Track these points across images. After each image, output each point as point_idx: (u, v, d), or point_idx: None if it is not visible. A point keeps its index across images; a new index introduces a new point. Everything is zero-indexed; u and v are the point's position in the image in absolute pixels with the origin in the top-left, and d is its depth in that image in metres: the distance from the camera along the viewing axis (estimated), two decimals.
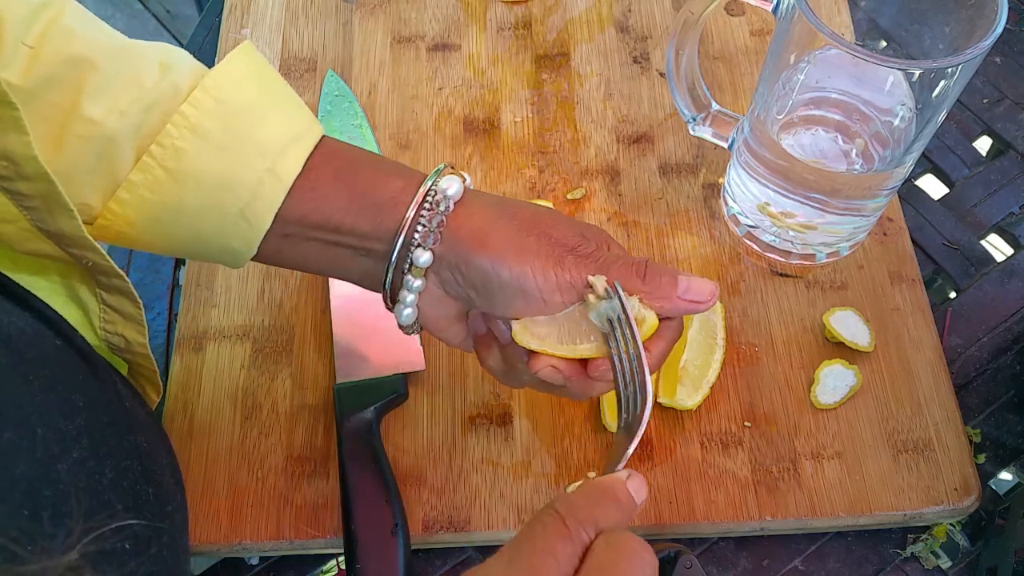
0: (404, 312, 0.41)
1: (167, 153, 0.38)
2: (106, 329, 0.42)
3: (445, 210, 0.39)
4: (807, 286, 0.56)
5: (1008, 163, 0.63)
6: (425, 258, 0.39)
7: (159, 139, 0.38)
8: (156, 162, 0.38)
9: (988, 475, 0.52)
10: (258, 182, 0.39)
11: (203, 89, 0.39)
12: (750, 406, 0.52)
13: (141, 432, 0.40)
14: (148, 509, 0.37)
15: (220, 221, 0.39)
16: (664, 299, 0.39)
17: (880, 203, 0.52)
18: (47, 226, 0.36)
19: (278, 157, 0.39)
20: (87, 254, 0.38)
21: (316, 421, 0.52)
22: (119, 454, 0.36)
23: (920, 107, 0.47)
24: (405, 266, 0.40)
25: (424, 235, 0.39)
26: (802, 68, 0.49)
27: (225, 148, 0.38)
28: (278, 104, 0.41)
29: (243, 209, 0.39)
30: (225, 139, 0.38)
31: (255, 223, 0.39)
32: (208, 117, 0.38)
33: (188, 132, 0.38)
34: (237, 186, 0.38)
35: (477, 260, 0.38)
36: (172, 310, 0.59)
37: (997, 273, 0.58)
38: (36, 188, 0.34)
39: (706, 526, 0.49)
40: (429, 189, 0.39)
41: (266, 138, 0.39)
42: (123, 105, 0.37)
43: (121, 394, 0.40)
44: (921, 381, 0.53)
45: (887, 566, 0.50)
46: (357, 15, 0.68)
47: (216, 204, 0.39)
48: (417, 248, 0.39)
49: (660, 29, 0.67)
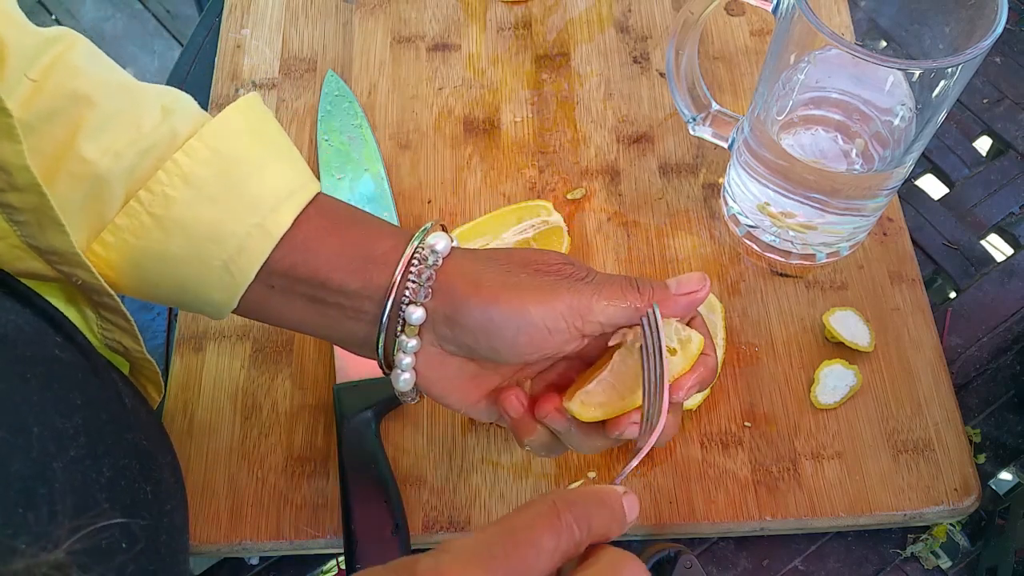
0: (402, 377, 0.40)
1: (156, 199, 0.37)
2: (105, 335, 0.43)
3: (434, 264, 0.38)
4: (807, 286, 0.56)
5: (1008, 163, 0.63)
6: (418, 315, 0.38)
7: (149, 185, 0.37)
8: (143, 207, 0.37)
9: (988, 475, 0.52)
10: (246, 236, 0.38)
11: (200, 138, 0.38)
12: (750, 406, 0.52)
13: (141, 430, 0.40)
14: (146, 508, 0.37)
15: (202, 271, 0.38)
16: (663, 302, 0.39)
17: (880, 203, 0.52)
18: (37, 242, 0.35)
19: (269, 212, 0.38)
20: (77, 272, 0.37)
21: (316, 421, 0.52)
22: (117, 453, 0.36)
23: (920, 107, 0.47)
24: (398, 327, 0.39)
25: (415, 291, 0.38)
26: (802, 68, 0.49)
27: (216, 200, 0.38)
28: (275, 158, 0.40)
29: (227, 262, 0.38)
30: (217, 190, 0.38)
31: (238, 276, 0.38)
32: (202, 167, 0.38)
33: (179, 180, 0.37)
34: (224, 238, 0.38)
35: (472, 306, 0.38)
36: (172, 310, 0.59)
37: (997, 273, 0.58)
38: (27, 200, 0.34)
39: (706, 526, 0.49)
40: (418, 246, 0.39)
41: (260, 193, 0.38)
42: (119, 146, 0.37)
43: (121, 392, 0.40)
44: (921, 381, 0.53)
45: (887, 566, 0.50)
46: (357, 15, 0.68)
47: (200, 255, 0.38)
48: (409, 305, 0.38)
49: (660, 29, 0.67)
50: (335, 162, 0.60)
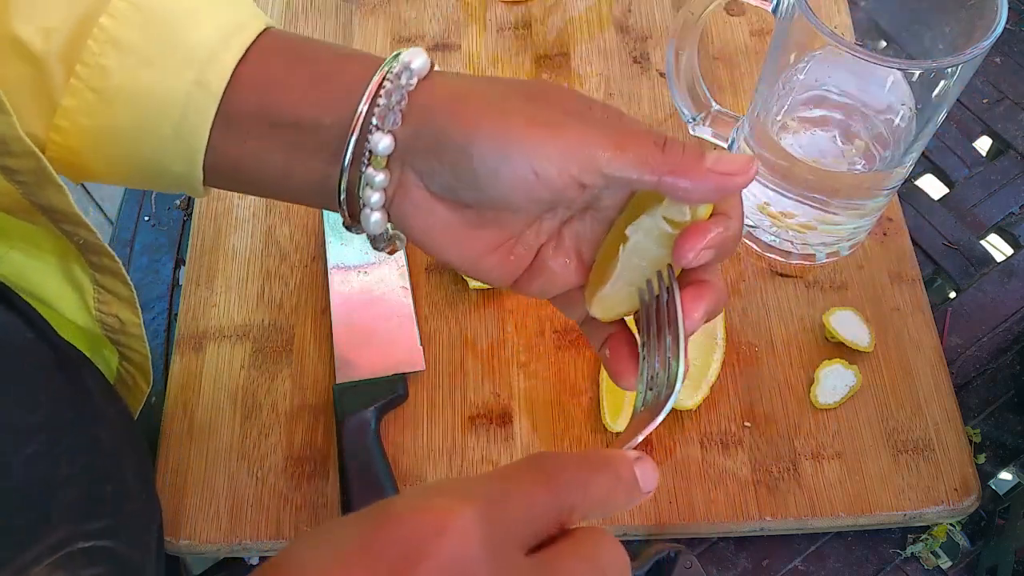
0: (371, 217, 0.34)
1: (92, 72, 0.34)
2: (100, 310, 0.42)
3: (407, 84, 0.32)
4: (807, 286, 0.56)
5: (1008, 163, 0.63)
6: (385, 143, 0.32)
7: (83, 57, 0.33)
8: (83, 83, 0.34)
9: (988, 475, 0.52)
10: (187, 96, 0.34)
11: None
12: (750, 406, 0.52)
13: (105, 429, 0.39)
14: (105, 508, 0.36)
15: (156, 143, 0.35)
16: (690, 172, 0.31)
17: (880, 203, 0.52)
18: (38, 200, 0.35)
19: (206, 64, 0.34)
20: (78, 231, 0.37)
21: (316, 421, 0.52)
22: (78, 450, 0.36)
23: (920, 107, 0.47)
24: (364, 161, 0.33)
25: (383, 115, 0.32)
26: (802, 68, 0.49)
27: (149, 61, 0.34)
28: (208, 2, 0.35)
29: (176, 128, 0.34)
30: (148, 50, 0.34)
31: (191, 142, 0.34)
32: (127, 27, 0.33)
33: (109, 47, 0.33)
34: (166, 102, 0.34)
35: (449, 133, 0.32)
36: (172, 310, 0.59)
37: (997, 273, 0.58)
38: (24, 164, 0.33)
39: (706, 526, 0.49)
40: (389, 71, 0.33)
41: (193, 43, 0.34)
42: (52, 22, 0.33)
43: (91, 391, 0.40)
44: (921, 381, 0.52)
45: (887, 566, 0.50)
46: (357, 15, 0.68)
47: (148, 125, 0.34)
48: (376, 132, 0.32)
49: (660, 29, 0.67)
50: None
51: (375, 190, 0.33)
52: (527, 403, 0.52)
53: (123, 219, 0.63)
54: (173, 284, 0.60)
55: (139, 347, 0.45)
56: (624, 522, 0.49)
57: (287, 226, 0.59)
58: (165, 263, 0.61)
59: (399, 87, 0.32)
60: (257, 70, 0.34)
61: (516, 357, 0.54)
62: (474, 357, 0.54)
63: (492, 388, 0.53)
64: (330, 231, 0.57)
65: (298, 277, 0.57)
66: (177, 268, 0.61)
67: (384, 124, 0.32)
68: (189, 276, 0.57)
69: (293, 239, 0.58)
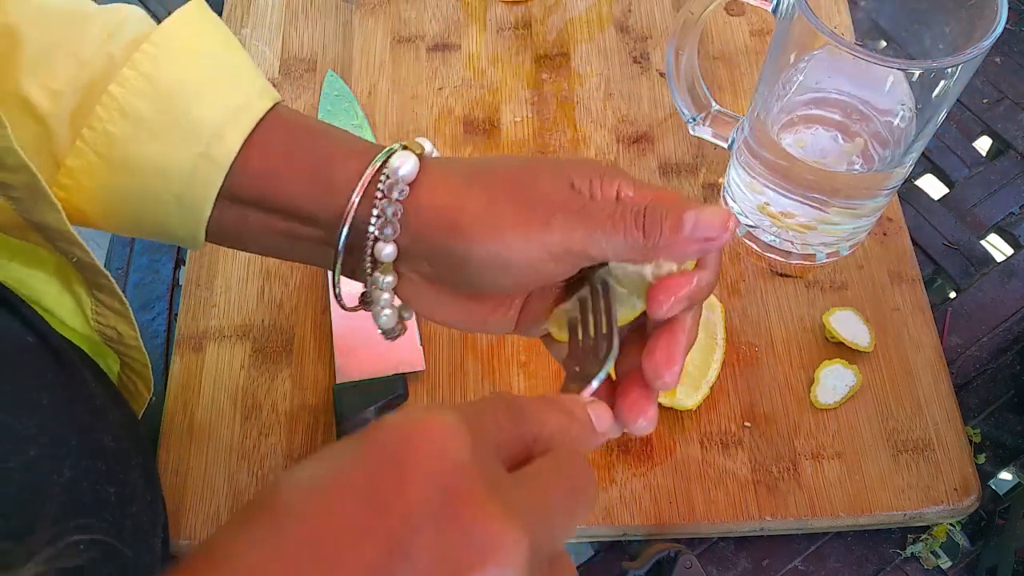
0: (383, 315, 0.37)
1: (99, 138, 0.34)
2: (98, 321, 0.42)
3: (400, 195, 0.34)
4: (807, 286, 0.56)
5: (1008, 163, 0.63)
6: (388, 251, 0.34)
7: (90, 122, 0.34)
8: (89, 147, 0.35)
9: (988, 475, 0.52)
10: (192, 168, 0.35)
11: (132, 65, 0.34)
12: (750, 406, 0.52)
13: (109, 432, 0.39)
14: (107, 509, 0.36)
15: (159, 207, 0.36)
16: (672, 250, 0.33)
17: (880, 203, 0.52)
18: (32, 217, 0.35)
19: (213, 139, 0.35)
20: (72, 249, 0.37)
21: (316, 421, 0.52)
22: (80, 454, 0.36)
23: (920, 107, 0.47)
24: (367, 264, 0.35)
25: (381, 227, 0.34)
26: (802, 68, 0.49)
27: (156, 132, 0.35)
28: (218, 77, 0.36)
29: (179, 196, 0.35)
30: (156, 123, 0.34)
31: (195, 210, 0.36)
32: (137, 98, 0.34)
33: (118, 115, 0.34)
34: (171, 173, 0.35)
35: (449, 247, 0.34)
36: (172, 310, 0.59)
37: (997, 273, 0.58)
38: (18, 179, 0.33)
39: (706, 526, 0.49)
40: (378, 171, 0.34)
41: (201, 118, 0.35)
42: (57, 84, 0.34)
43: (93, 394, 0.40)
44: (921, 381, 0.52)
45: (887, 566, 0.50)
46: (357, 15, 0.68)
47: (152, 191, 0.35)
48: (377, 243, 0.34)
49: (660, 29, 0.67)
50: None
51: (383, 291, 0.36)
52: None
53: None
54: (173, 284, 0.60)
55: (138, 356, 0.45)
56: (624, 522, 0.49)
57: None
58: (165, 263, 0.61)
59: (392, 201, 0.34)
60: (259, 158, 0.36)
61: (516, 357, 0.54)
62: (474, 357, 0.54)
63: (492, 388, 0.53)
64: None
65: (298, 277, 0.57)
66: (177, 268, 0.61)
67: (383, 236, 0.34)
68: (189, 276, 0.57)
69: None
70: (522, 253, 0.33)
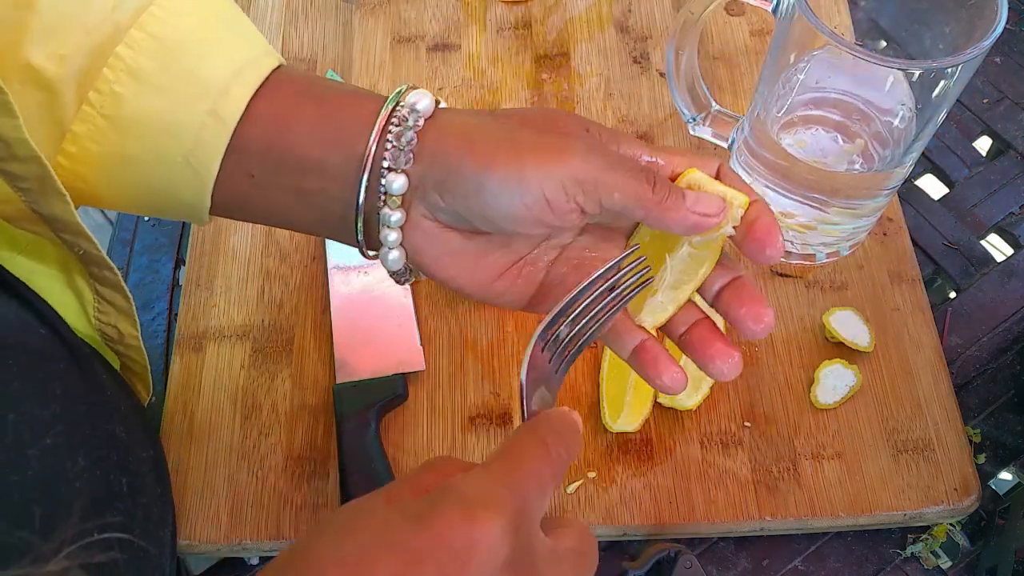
0: (390, 255, 0.36)
1: (105, 100, 0.35)
2: (100, 319, 0.42)
3: (414, 125, 0.34)
4: (807, 286, 0.56)
5: (1008, 163, 0.63)
6: (399, 183, 0.34)
7: (97, 85, 0.35)
8: (95, 110, 0.35)
9: (988, 475, 0.52)
10: (200, 126, 0.35)
11: (140, 27, 0.35)
12: (750, 406, 0.52)
13: (121, 423, 0.40)
14: (119, 500, 0.37)
15: (167, 171, 0.36)
16: (673, 212, 0.34)
17: (880, 203, 0.52)
18: (40, 209, 0.35)
19: (220, 96, 0.35)
20: (79, 242, 0.37)
21: (316, 421, 0.52)
22: (94, 443, 0.36)
23: (920, 107, 0.47)
24: (379, 201, 0.35)
25: (395, 156, 0.34)
26: (802, 68, 0.49)
27: (164, 90, 0.35)
28: (224, 36, 0.36)
29: (187, 156, 0.35)
30: (164, 80, 0.35)
31: (201, 171, 0.36)
32: (145, 57, 0.35)
33: (125, 75, 0.35)
34: (179, 131, 0.35)
35: (464, 169, 0.33)
36: (172, 310, 0.59)
37: (997, 273, 0.58)
38: (28, 170, 0.33)
39: (706, 526, 0.49)
40: (395, 107, 0.35)
41: (208, 75, 0.35)
42: (65, 50, 0.34)
43: (104, 385, 0.40)
44: (921, 381, 0.52)
45: (887, 566, 0.50)
46: (357, 15, 0.68)
47: (160, 152, 0.35)
48: (389, 173, 0.34)
49: (660, 29, 0.67)
50: None
51: (392, 228, 0.35)
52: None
53: (123, 219, 0.63)
54: (173, 284, 0.60)
55: (138, 357, 0.45)
56: (624, 522, 0.49)
57: None
58: (165, 263, 0.61)
59: (407, 128, 0.34)
60: (266, 106, 0.36)
61: (516, 357, 0.54)
62: (474, 357, 0.54)
63: (492, 388, 0.53)
64: None
65: (298, 277, 0.57)
66: (177, 268, 0.61)
67: (397, 164, 0.34)
68: (189, 276, 0.57)
69: (293, 239, 0.58)
70: (538, 180, 0.33)
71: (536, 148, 0.33)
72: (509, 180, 0.33)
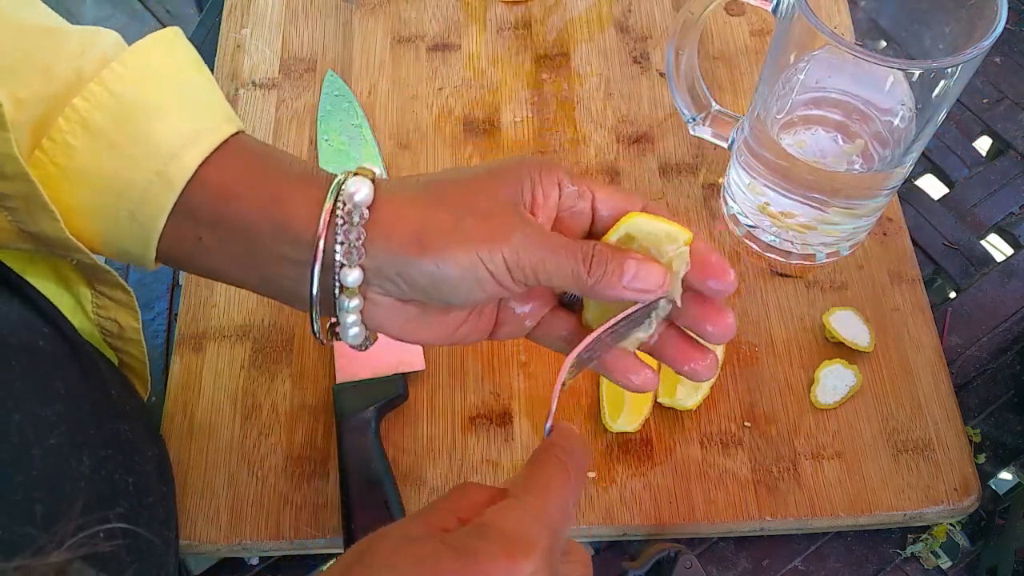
0: (350, 334, 0.37)
1: (58, 148, 0.35)
2: (99, 314, 0.42)
3: (360, 219, 0.35)
4: (807, 286, 0.56)
5: (1008, 163, 0.63)
6: (354, 277, 0.35)
7: (51, 133, 0.35)
8: (48, 157, 0.35)
9: (988, 475, 0.52)
10: (147, 185, 0.35)
11: (100, 81, 0.35)
12: (750, 406, 0.52)
13: (125, 422, 0.40)
14: (125, 498, 0.37)
15: (112, 224, 0.36)
16: (609, 290, 0.35)
17: (880, 203, 0.52)
18: (28, 228, 0.35)
19: (170, 159, 0.35)
20: (72, 254, 0.37)
21: (316, 421, 0.52)
22: (98, 442, 0.36)
23: (920, 107, 0.47)
24: (335, 290, 0.36)
25: (347, 252, 0.35)
26: (802, 68, 0.49)
27: (115, 148, 0.35)
28: (183, 101, 0.37)
29: (133, 213, 0.36)
30: (116, 138, 0.35)
31: (147, 228, 0.36)
32: (101, 113, 0.35)
33: (79, 127, 0.35)
34: (125, 189, 0.35)
35: (420, 266, 0.35)
36: (172, 310, 0.59)
37: (997, 273, 0.58)
38: (16, 188, 0.33)
39: (706, 526, 0.49)
40: (336, 201, 0.35)
41: (161, 138, 0.35)
42: (24, 94, 0.34)
43: (107, 383, 0.40)
44: (921, 381, 0.52)
45: (887, 566, 0.50)
46: (357, 15, 0.68)
47: (106, 206, 0.36)
48: (343, 268, 0.35)
49: (660, 29, 0.67)
50: (335, 162, 0.60)
51: (351, 312, 0.36)
52: (527, 403, 0.52)
53: None
54: (173, 284, 0.60)
55: (137, 352, 0.45)
56: (624, 522, 0.49)
57: None
58: None
59: (353, 225, 0.35)
60: (216, 174, 0.36)
61: (516, 357, 0.54)
62: (474, 357, 0.54)
63: (492, 388, 0.53)
64: None
65: None
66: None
67: (350, 261, 0.35)
68: (189, 276, 0.57)
69: None
70: (489, 264, 0.35)
71: (482, 237, 0.35)
72: (462, 271, 0.35)
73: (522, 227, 0.35)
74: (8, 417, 0.31)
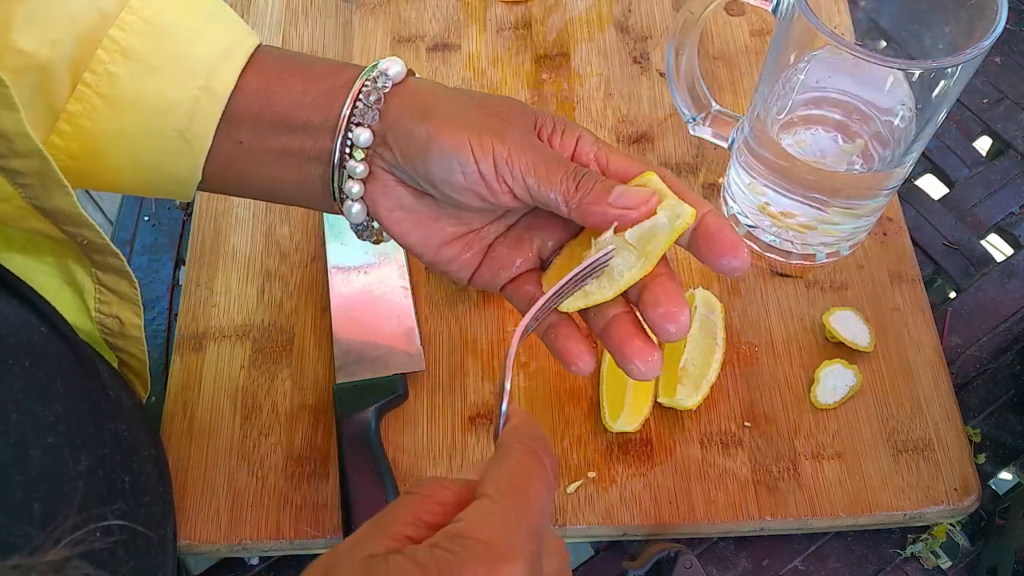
0: (353, 208, 0.39)
1: (101, 79, 0.37)
2: (101, 311, 0.43)
3: (383, 86, 0.38)
4: (807, 286, 0.56)
5: (1008, 163, 0.63)
6: (365, 136, 0.37)
7: (92, 65, 0.37)
8: (91, 90, 0.37)
9: (988, 475, 0.52)
10: (194, 101, 0.38)
11: (131, 10, 0.37)
12: (750, 406, 0.52)
13: (124, 422, 0.40)
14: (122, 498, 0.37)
15: (160, 145, 0.38)
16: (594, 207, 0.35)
17: (880, 203, 0.52)
18: (41, 203, 0.36)
19: (211, 73, 0.38)
20: (82, 231, 0.38)
21: (316, 421, 0.52)
22: (96, 442, 0.36)
23: (920, 107, 0.47)
24: (347, 153, 0.38)
25: (362, 112, 0.38)
26: (802, 68, 0.49)
27: (158, 69, 0.37)
28: (209, 20, 0.39)
29: (183, 131, 0.38)
30: (157, 60, 0.37)
31: (195, 144, 0.38)
32: (138, 38, 0.37)
33: (119, 56, 0.37)
34: (173, 108, 0.38)
35: (416, 133, 0.36)
36: (172, 310, 0.59)
37: (997, 273, 0.58)
38: (30, 165, 0.34)
39: (706, 526, 0.49)
40: (371, 72, 0.38)
41: (198, 55, 0.38)
42: (55, 35, 0.36)
43: (106, 384, 0.40)
44: (921, 381, 0.52)
45: (887, 566, 0.50)
46: (357, 15, 0.68)
47: (155, 127, 0.38)
48: (356, 127, 0.38)
49: (660, 29, 0.67)
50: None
51: (356, 180, 0.38)
52: (527, 403, 0.52)
53: (123, 219, 0.63)
54: (173, 284, 0.60)
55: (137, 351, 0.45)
56: (624, 522, 0.49)
57: (287, 226, 0.59)
58: (165, 263, 0.61)
59: (376, 88, 0.38)
60: (254, 79, 0.39)
61: (516, 358, 0.54)
62: (474, 357, 0.54)
63: (492, 388, 0.53)
64: (330, 231, 0.57)
65: (298, 277, 0.57)
66: (177, 268, 0.61)
67: (364, 120, 0.38)
68: (189, 276, 0.57)
69: (293, 239, 0.58)
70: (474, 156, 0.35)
71: (479, 128, 0.36)
72: (451, 150, 0.36)
73: (522, 133, 0.36)
74: (6, 417, 0.31)
